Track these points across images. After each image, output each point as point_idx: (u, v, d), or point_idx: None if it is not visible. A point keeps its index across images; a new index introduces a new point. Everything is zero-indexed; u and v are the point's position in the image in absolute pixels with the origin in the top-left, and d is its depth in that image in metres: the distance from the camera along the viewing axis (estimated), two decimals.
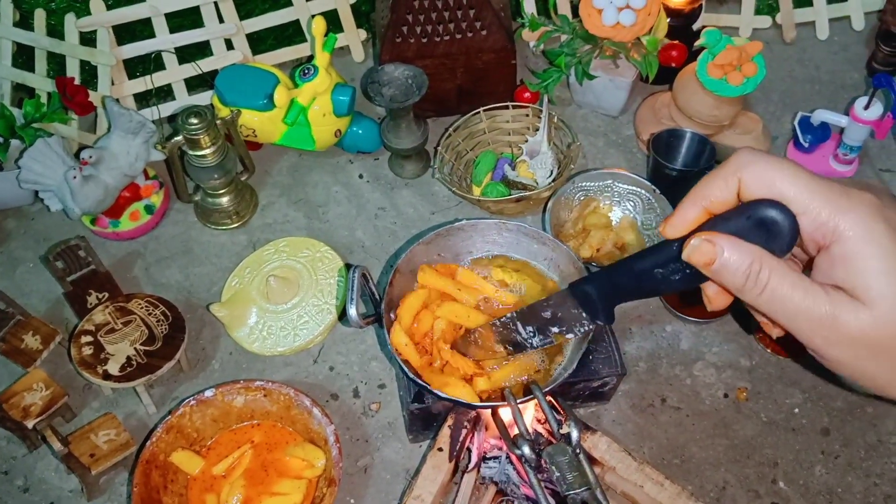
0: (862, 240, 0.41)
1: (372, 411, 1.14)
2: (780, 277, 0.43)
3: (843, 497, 1.04)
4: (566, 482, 0.73)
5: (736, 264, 0.43)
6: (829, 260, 0.42)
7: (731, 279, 0.44)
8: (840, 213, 0.41)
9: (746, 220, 0.44)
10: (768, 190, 0.43)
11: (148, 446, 1.03)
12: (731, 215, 0.45)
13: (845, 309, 0.41)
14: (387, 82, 1.28)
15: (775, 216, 0.42)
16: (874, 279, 0.40)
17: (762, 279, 0.43)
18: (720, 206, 0.45)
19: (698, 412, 1.12)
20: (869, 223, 0.41)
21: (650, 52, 1.32)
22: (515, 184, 1.30)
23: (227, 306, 1.19)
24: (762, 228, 0.43)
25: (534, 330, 0.76)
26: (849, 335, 0.41)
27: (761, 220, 0.43)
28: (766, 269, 0.43)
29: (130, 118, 1.25)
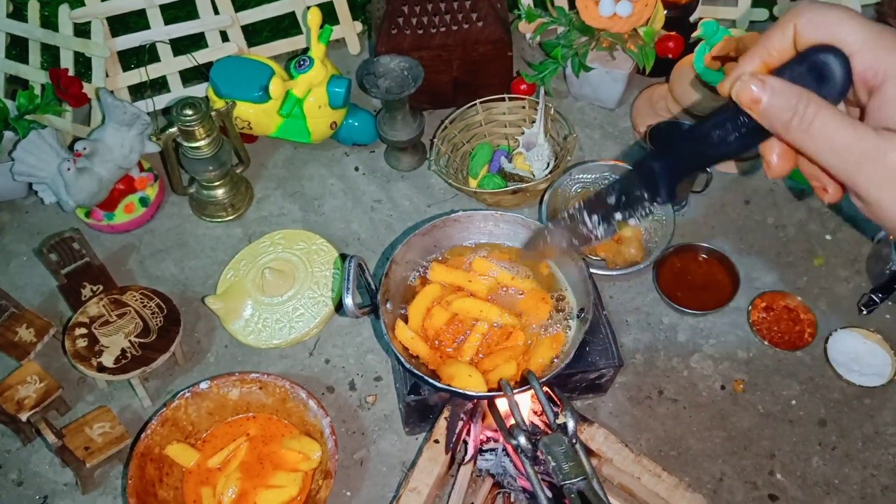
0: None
1: (368, 404, 1.13)
2: (828, 113, 0.42)
3: (841, 488, 1.04)
4: (562, 472, 0.72)
5: (782, 103, 0.43)
6: (881, 101, 0.42)
7: (777, 117, 0.44)
8: (891, 53, 0.41)
9: (799, 66, 0.44)
10: (823, 34, 0.43)
11: (143, 439, 1.02)
12: (786, 64, 0.45)
13: (893, 145, 0.41)
14: (382, 74, 1.27)
15: (827, 59, 0.43)
16: None
17: (809, 114, 0.43)
18: (779, 56, 0.46)
19: (695, 404, 1.12)
20: None
21: (647, 44, 1.32)
22: (512, 176, 1.29)
23: (222, 299, 1.18)
24: (815, 73, 0.43)
25: (599, 218, 0.72)
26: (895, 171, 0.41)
27: (813, 64, 0.43)
28: (814, 106, 0.43)
29: (125, 110, 1.24)
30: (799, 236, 1.28)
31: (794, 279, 1.23)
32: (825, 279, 1.23)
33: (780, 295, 1.19)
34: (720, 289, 1.20)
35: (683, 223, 1.28)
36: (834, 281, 1.23)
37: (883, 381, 1.11)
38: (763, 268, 1.24)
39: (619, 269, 1.20)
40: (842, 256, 1.25)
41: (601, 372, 1.03)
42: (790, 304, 1.19)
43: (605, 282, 1.22)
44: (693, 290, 1.20)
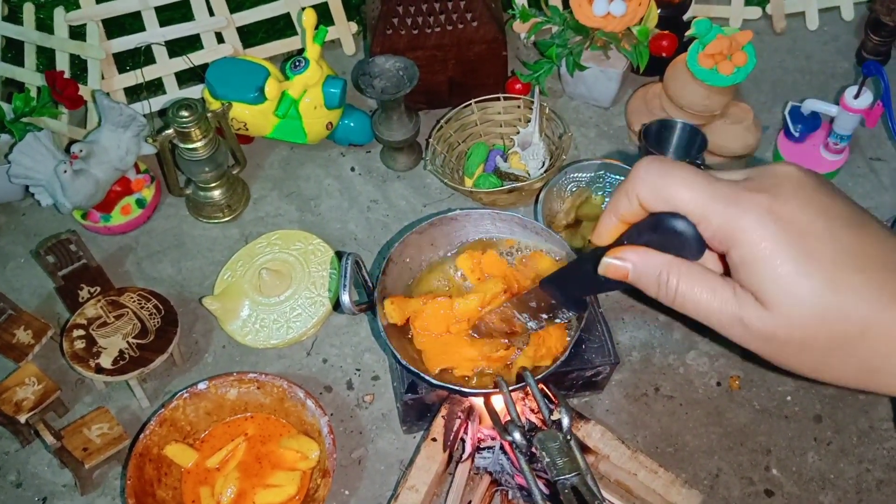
0: (755, 244, 0.41)
1: (366, 403, 1.14)
2: (689, 283, 0.44)
3: (836, 483, 1.05)
4: (556, 468, 0.73)
5: (645, 275, 0.46)
6: (732, 264, 0.43)
7: (645, 287, 0.46)
8: (732, 220, 0.41)
9: (654, 233, 0.46)
10: (665, 203, 0.44)
11: (141, 439, 1.02)
12: (643, 226, 0.47)
13: (750, 311, 0.42)
14: (378, 74, 1.27)
15: (678, 227, 0.44)
16: (769, 283, 0.41)
17: (672, 286, 0.44)
18: (632, 217, 0.47)
19: (692, 401, 1.12)
20: (760, 226, 0.40)
21: (641, 43, 1.32)
22: (507, 175, 1.30)
23: (219, 299, 1.19)
24: (670, 238, 0.45)
25: (528, 316, 0.82)
26: (759, 335, 0.42)
27: (666, 230, 0.45)
28: (675, 277, 0.44)
29: (121, 112, 1.24)
30: None
31: None
32: None
33: None
34: None
35: None
36: None
37: None
38: None
39: None
40: None
41: (597, 369, 1.04)
42: None
43: None
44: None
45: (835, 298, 0.40)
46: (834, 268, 0.40)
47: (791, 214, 0.41)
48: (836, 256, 0.40)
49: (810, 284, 0.40)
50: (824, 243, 0.40)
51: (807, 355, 0.42)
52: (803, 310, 0.40)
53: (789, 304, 0.40)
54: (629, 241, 0.48)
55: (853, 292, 0.40)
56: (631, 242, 0.47)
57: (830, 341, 0.41)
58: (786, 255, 0.40)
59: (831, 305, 0.40)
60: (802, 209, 0.41)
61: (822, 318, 0.40)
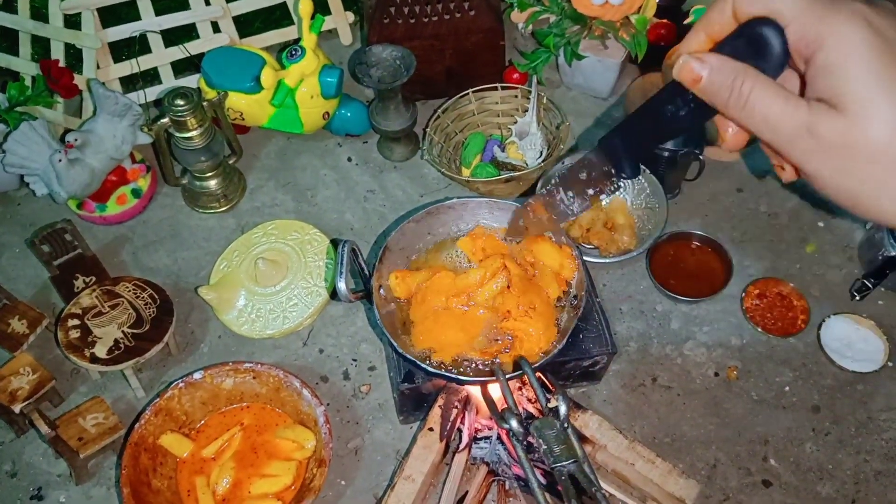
0: (841, 46, 0.40)
1: (362, 393, 1.13)
2: (762, 90, 0.43)
3: (834, 473, 1.04)
4: (553, 455, 0.72)
5: (721, 80, 0.45)
6: (813, 71, 0.42)
7: (717, 94, 0.45)
8: (823, 22, 0.41)
9: (738, 40, 0.45)
10: (758, 7, 0.43)
11: (136, 429, 1.02)
12: (728, 39, 0.46)
13: (823, 117, 0.41)
14: (375, 63, 1.27)
15: (763, 32, 0.43)
16: (850, 85, 0.40)
17: (745, 91, 0.44)
18: (720, 31, 0.46)
19: (689, 391, 1.12)
20: (850, 30, 0.40)
21: (639, 32, 1.31)
22: (505, 165, 1.29)
23: (215, 289, 1.18)
24: (753, 47, 0.44)
25: (573, 195, 0.77)
26: (825, 145, 0.41)
27: (751, 38, 0.44)
28: (749, 83, 0.43)
29: (116, 101, 1.24)
30: (791, 223, 1.28)
31: (786, 266, 1.23)
32: (818, 266, 1.23)
33: (773, 282, 1.20)
34: (713, 276, 1.20)
35: (676, 211, 1.28)
36: (827, 267, 1.23)
37: (875, 366, 1.12)
38: (756, 255, 1.24)
39: (612, 257, 1.20)
40: (834, 243, 1.26)
41: (595, 359, 1.04)
42: (783, 290, 1.19)
43: (598, 270, 1.22)
44: (686, 277, 1.20)
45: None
46: None
47: (885, 27, 0.40)
48: None
49: (890, 93, 0.39)
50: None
51: (871, 172, 0.41)
52: (878, 117, 0.39)
53: (866, 109, 0.39)
54: None
55: None
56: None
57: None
58: (874, 62, 0.39)
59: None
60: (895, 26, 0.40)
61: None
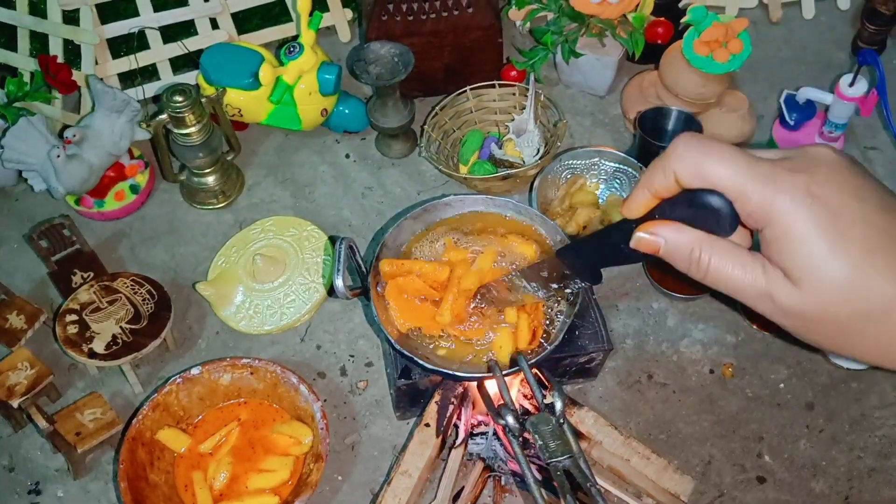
0: (789, 222, 0.42)
1: (359, 389, 1.14)
2: (720, 258, 0.45)
3: (828, 470, 1.05)
4: (548, 450, 0.73)
5: (678, 251, 0.47)
6: (765, 241, 0.44)
7: (676, 262, 0.47)
8: (769, 198, 0.42)
9: (688, 208, 0.46)
10: (702, 180, 0.45)
11: (134, 424, 1.02)
12: (677, 201, 0.47)
13: (778, 287, 0.43)
14: (373, 60, 1.27)
15: (712, 203, 0.45)
16: (801, 262, 0.42)
17: (703, 262, 0.46)
18: (665, 192, 0.48)
19: (684, 388, 1.12)
20: (794, 208, 0.42)
21: (637, 30, 1.32)
22: (502, 162, 1.29)
23: (213, 285, 1.18)
24: (703, 214, 0.45)
25: (536, 286, 0.81)
26: (787, 311, 0.44)
27: (700, 206, 0.45)
28: (706, 253, 0.45)
29: (114, 96, 1.24)
30: None
31: None
32: None
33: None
34: None
35: None
36: None
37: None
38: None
39: None
40: None
41: (591, 356, 1.04)
42: None
43: None
44: (682, 274, 1.20)
45: (863, 279, 0.41)
46: (864, 249, 0.41)
47: (827, 196, 0.42)
48: (868, 238, 0.41)
49: (840, 265, 0.41)
50: (857, 225, 0.41)
51: (831, 332, 0.43)
52: (832, 288, 0.42)
53: (819, 282, 0.42)
54: (660, 215, 0.48)
55: (882, 273, 0.41)
56: (662, 217, 0.48)
57: (856, 319, 0.42)
58: (819, 236, 0.41)
59: (859, 285, 0.41)
60: (838, 191, 0.42)
61: (849, 297, 0.42)
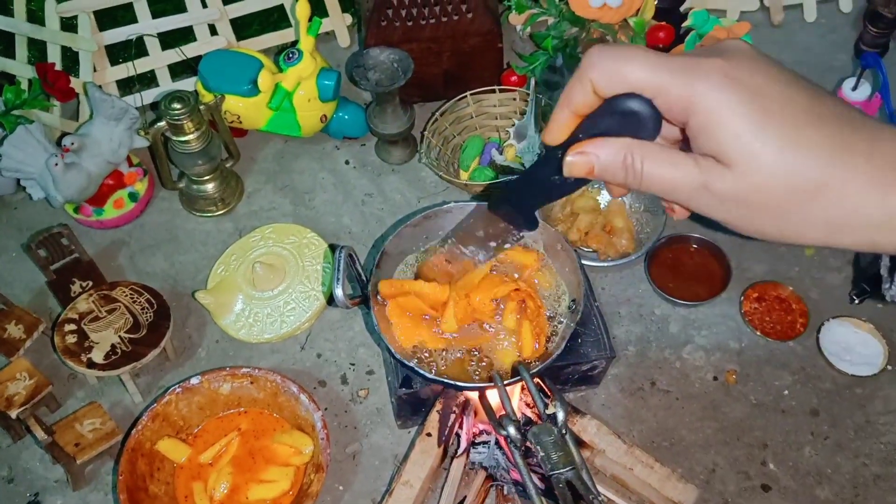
0: (711, 108, 0.41)
1: (360, 398, 1.13)
2: (652, 161, 0.44)
3: (833, 477, 1.04)
4: (550, 462, 0.72)
5: (611, 163, 0.46)
6: (692, 133, 0.43)
7: (612, 177, 0.46)
8: (688, 87, 0.42)
9: (611, 117, 0.45)
10: (620, 84, 0.44)
11: (133, 434, 1.02)
12: (597, 114, 0.46)
13: (713, 175, 0.42)
14: (372, 66, 1.26)
15: (633, 107, 0.44)
16: (731, 142, 0.41)
17: (637, 168, 0.45)
18: (585, 107, 0.47)
19: (688, 395, 1.12)
20: (713, 92, 0.41)
21: (637, 34, 1.31)
22: (503, 168, 1.29)
23: (212, 293, 1.18)
24: (627, 120, 0.45)
25: (475, 248, 0.79)
26: (723, 197, 0.43)
27: (622, 113, 0.44)
28: (638, 158, 0.45)
29: (113, 104, 1.23)
30: None
31: (785, 269, 1.23)
32: (817, 269, 1.23)
33: (772, 285, 1.19)
34: (712, 279, 1.20)
35: None
36: (825, 271, 1.23)
37: (874, 370, 1.12)
38: (755, 258, 1.24)
39: (610, 261, 1.20)
40: None
41: (593, 364, 1.03)
42: (782, 294, 1.19)
43: (596, 273, 1.22)
44: (685, 280, 1.20)
45: (792, 154, 0.41)
46: (790, 125, 0.41)
47: (746, 77, 0.41)
48: (792, 115, 0.41)
49: (768, 141, 0.41)
50: (780, 103, 0.41)
51: (770, 215, 0.43)
52: (764, 166, 0.41)
53: (750, 161, 0.41)
54: (584, 134, 0.47)
55: (809, 148, 0.41)
56: (586, 136, 0.47)
57: (791, 198, 0.41)
58: (743, 115, 0.41)
59: (789, 161, 0.41)
60: (757, 73, 0.42)
61: (781, 174, 0.41)
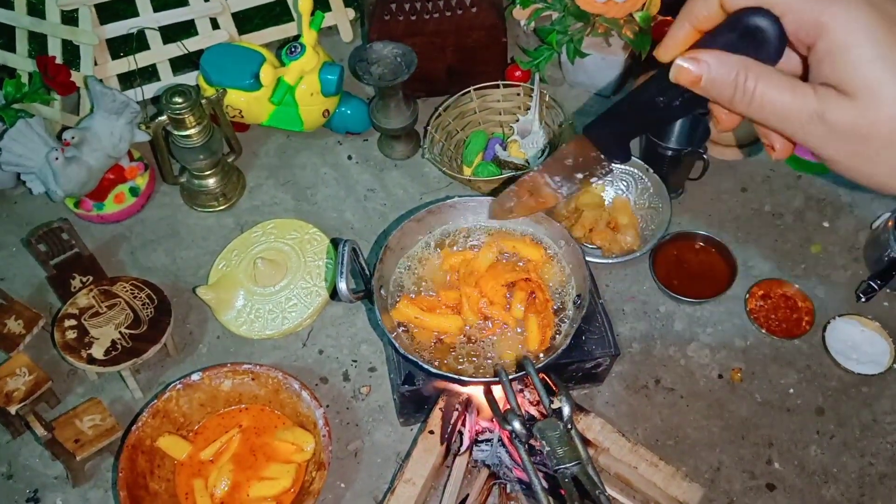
0: (843, 31, 0.39)
1: (362, 395, 1.12)
2: (767, 83, 0.42)
3: (838, 477, 1.03)
4: (556, 456, 0.71)
5: (722, 78, 0.43)
6: (817, 57, 0.41)
7: (719, 93, 0.44)
8: (821, 6, 0.39)
9: (732, 33, 0.43)
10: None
11: (134, 431, 1.01)
12: (719, 30, 0.44)
13: (832, 104, 0.40)
14: (375, 61, 1.25)
15: (758, 23, 0.42)
16: (857, 69, 0.39)
17: (749, 87, 0.42)
18: (707, 22, 0.45)
19: (693, 393, 1.11)
20: (851, 13, 0.38)
21: (643, 29, 1.30)
22: (506, 164, 1.28)
23: (214, 289, 1.17)
24: (749, 38, 0.42)
25: (561, 179, 0.76)
26: (839, 131, 0.40)
27: (746, 29, 0.42)
28: (752, 78, 0.42)
29: (114, 98, 1.22)
30: (796, 224, 1.27)
31: (791, 267, 1.22)
32: (823, 267, 1.22)
33: (778, 283, 1.18)
34: (717, 277, 1.19)
35: (680, 211, 1.27)
36: (832, 268, 1.22)
37: (881, 369, 1.11)
38: (760, 255, 1.23)
39: (615, 258, 1.19)
40: (839, 244, 1.24)
41: (597, 361, 1.02)
42: (788, 291, 1.18)
43: (601, 270, 1.21)
44: (690, 278, 1.19)
45: None
46: None
47: (888, 5, 0.39)
48: None
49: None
50: None
51: (886, 155, 0.40)
52: (889, 100, 0.38)
53: (875, 92, 0.38)
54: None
55: None
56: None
57: None
58: (879, 44, 0.38)
59: None
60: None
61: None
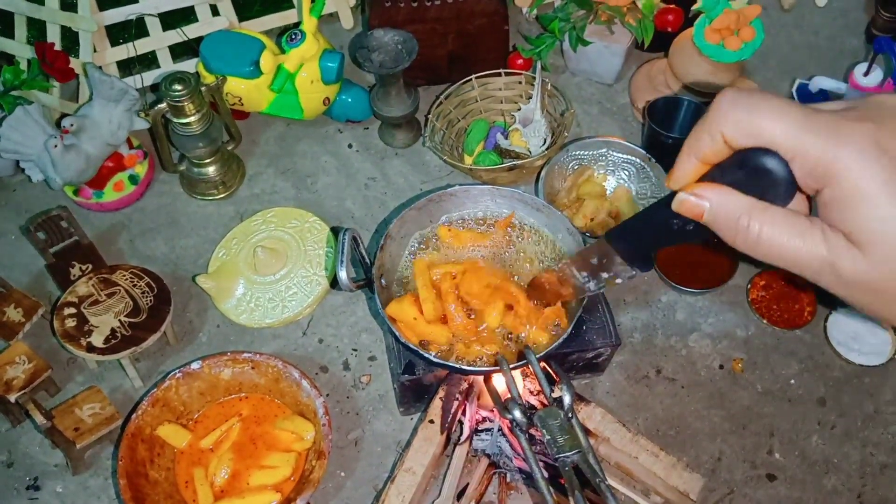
0: (854, 181, 0.37)
1: (362, 384, 1.12)
2: (773, 227, 0.40)
3: (840, 467, 1.03)
4: (557, 445, 0.71)
5: (724, 217, 0.42)
6: (825, 202, 0.39)
7: (723, 232, 0.43)
8: (830, 154, 0.38)
9: (740, 171, 0.42)
10: (753, 138, 0.40)
11: (133, 419, 1.01)
12: (727, 164, 0.43)
13: (842, 254, 0.39)
14: (376, 48, 1.24)
15: (767, 164, 0.40)
16: (868, 223, 0.37)
17: (753, 230, 0.41)
18: (713, 156, 0.43)
19: (694, 383, 1.10)
20: (861, 162, 0.37)
21: (646, 17, 1.29)
22: (508, 152, 1.27)
23: (213, 278, 1.16)
24: (757, 179, 0.41)
25: (588, 275, 0.76)
26: (849, 280, 0.39)
27: (755, 170, 0.41)
28: (757, 222, 0.41)
29: (112, 85, 1.22)
30: None
31: None
32: None
33: (780, 273, 1.18)
34: (719, 267, 1.18)
35: None
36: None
37: (882, 359, 1.10)
38: None
39: None
40: None
41: (598, 351, 1.02)
42: None
43: None
44: (691, 268, 1.18)
45: None
46: None
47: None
48: None
49: None
50: None
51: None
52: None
53: (889, 247, 0.37)
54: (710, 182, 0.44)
55: None
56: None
57: None
58: (890, 194, 0.36)
59: None
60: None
61: None
